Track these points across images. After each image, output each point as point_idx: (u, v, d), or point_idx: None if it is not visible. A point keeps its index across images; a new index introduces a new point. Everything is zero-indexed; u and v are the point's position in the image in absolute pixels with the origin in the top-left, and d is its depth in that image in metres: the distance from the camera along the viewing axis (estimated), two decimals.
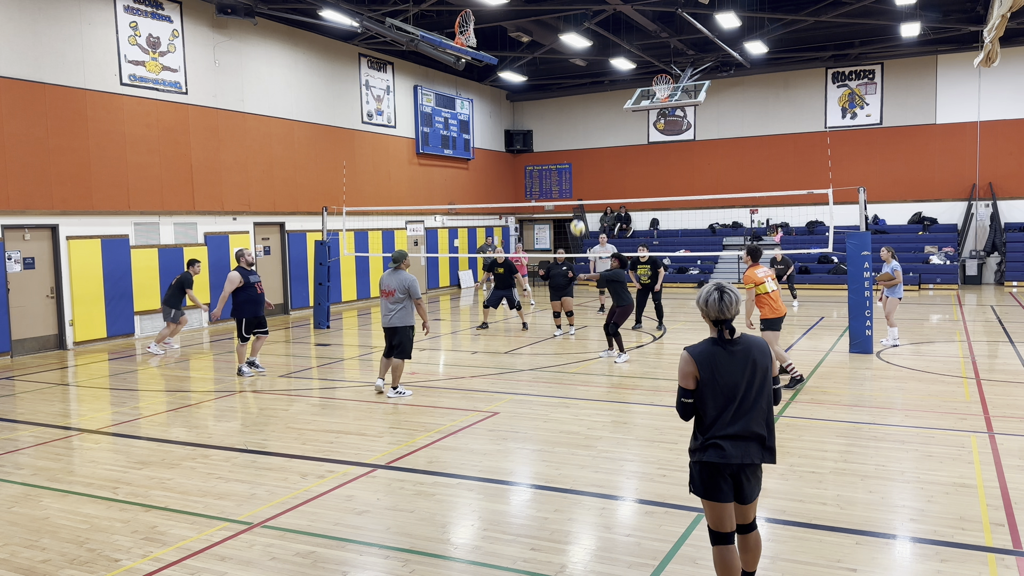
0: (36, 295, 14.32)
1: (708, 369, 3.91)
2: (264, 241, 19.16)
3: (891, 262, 12.43)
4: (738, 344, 3.97)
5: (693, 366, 3.94)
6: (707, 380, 3.91)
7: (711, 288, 4.01)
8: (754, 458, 3.93)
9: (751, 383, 3.93)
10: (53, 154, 14.36)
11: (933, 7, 20.13)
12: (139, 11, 15.83)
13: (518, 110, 30.09)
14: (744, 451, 3.90)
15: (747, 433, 3.90)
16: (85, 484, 6.62)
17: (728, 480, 3.94)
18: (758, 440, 3.95)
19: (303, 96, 19.99)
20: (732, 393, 3.90)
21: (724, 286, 4.01)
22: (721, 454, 3.88)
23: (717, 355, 3.94)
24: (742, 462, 3.89)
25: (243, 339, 11.15)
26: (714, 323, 4.01)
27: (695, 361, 3.94)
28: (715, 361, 3.92)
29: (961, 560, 4.76)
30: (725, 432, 3.89)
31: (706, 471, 3.94)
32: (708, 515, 4.07)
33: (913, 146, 24.10)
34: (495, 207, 28.11)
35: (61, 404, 10.11)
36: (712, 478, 3.94)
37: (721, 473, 3.92)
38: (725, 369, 3.91)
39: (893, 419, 8.17)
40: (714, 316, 3.98)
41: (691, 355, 3.96)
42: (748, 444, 3.91)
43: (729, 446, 3.88)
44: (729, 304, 3.96)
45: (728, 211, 26.43)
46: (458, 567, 4.85)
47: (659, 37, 21.21)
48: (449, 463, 6.94)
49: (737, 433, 3.89)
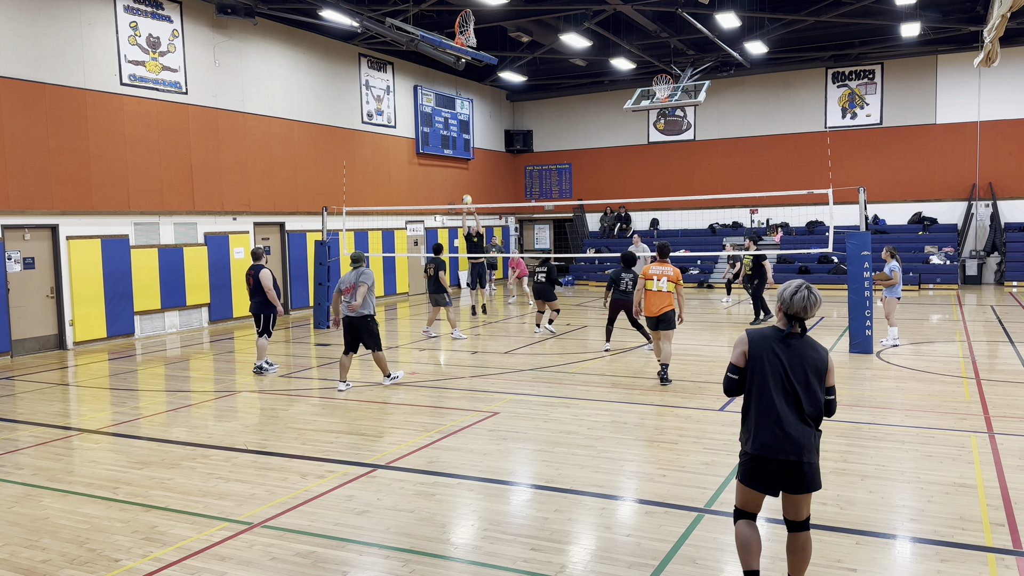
0: (36, 295, 14.33)
1: (758, 354, 4.01)
2: (264, 241, 19.16)
3: (890, 262, 12.43)
4: (799, 340, 4.05)
5: (746, 344, 4.08)
6: (755, 364, 4.01)
7: (800, 285, 4.05)
8: (790, 455, 3.94)
9: (802, 380, 3.98)
10: (53, 154, 14.36)
11: (933, 7, 20.13)
12: (139, 11, 15.83)
13: (518, 110, 30.09)
14: (784, 446, 3.93)
15: (792, 429, 3.94)
16: (85, 484, 6.62)
17: (770, 473, 3.99)
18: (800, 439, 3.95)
19: (303, 96, 19.99)
20: (778, 385, 3.97)
21: (812, 287, 4.07)
22: (759, 446, 3.97)
23: (773, 343, 4.03)
24: (779, 457, 3.94)
25: (269, 335, 11.51)
26: (788, 317, 4.07)
27: (748, 340, 4.07)
28: (767, 347, 4.02)
29: (961, 560, 4.76)
30: (769, 423, 3.96)
31: (748, 461, 4.04)
32: (740, 496, 4.18)
33: (913, 146, 24.10)
34: (495, 207, 28.11)
35: (61, 404, 10.11)
36: (752, 469, 4.02)
37: (764, 465, 3.98)
38: (775, 359, 4.00)
39: (893, 419, 8.17)
40: (794, 312, 4.03)
41: (748, 334, 4.11)
42: (788, 441, 3.94)
43: (770, 439, 3.95)
44: (813, 305, 4.03)
45: (728, 211, 26.43)
46: (458, 567, 4.85)
47: (659, 37, 21.21)
48: (449, 463, 6.94)
49: (781, 427, 3.94)
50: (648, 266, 10.08)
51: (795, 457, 3.94)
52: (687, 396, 9.31)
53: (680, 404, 8.96)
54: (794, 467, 3.97)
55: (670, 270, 9.95)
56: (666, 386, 9.88)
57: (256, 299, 11.40)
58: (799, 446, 3.95)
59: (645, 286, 10.00)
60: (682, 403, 9.01)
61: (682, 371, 10.76)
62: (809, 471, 3.99)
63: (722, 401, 9.02)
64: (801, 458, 3.95)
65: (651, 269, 10.02)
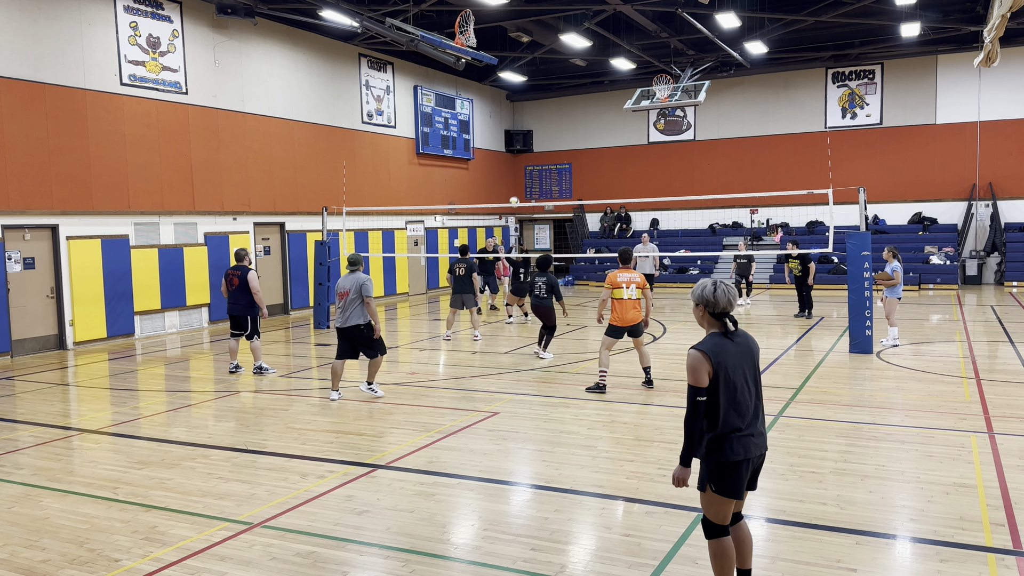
0: (36, 295, 14.32)
1: (721, 363, 3.93)
2: (264, 241, 19.16)
3: (892, 262, 12.44)
4: (739, 335, 4.06)
5: (707, 362, 3.91)
6: (720, 374, 3.92)
7: (714, 282, 4.05)
8: (762, 450, 4.04)
9: (754, 373, 4.04)
10: (53, 154, 14.36)
11: (933, 7, 20.12)
12: (139, 11, 15.83)
13: (518, 110, 30.09)
14: (757, 443, 4.00)
15: (759, 425, 4.02)
16: (85, 484, 6.62)
17: (745, 475, 3.99)
18: (763, 431, 4.07)
19: (303, 96, 19.99)
20: (742, 385, 3.96)
21: (719, 280, 4.07)
22: (741, 450, 3.92)
23: (727, 346, 3.98)
24: (754, 454, 3.97)
25: (259, 335, 11.50)
26: (718, 316, 4.04)
27: (708, 356, 3.92)
28: (726, 353, 3.96)
29: (961, 560, 4.76)
30: (743, 425, 3.94)
31: (729, 470, 3.94)
32: (715, 511, 4.05)
33: (913, 146, 24.10)
34: (495, 207, 28.11)
35: (61, 404, 10.11)
36: (736, 476, 3.95)
37: (743, 470, 3.96)
38: (734, 361, 3.96)
39: (893, 419, 8.17)
40: (722, 308, 4.02)
41: (702, 351, 3.93)
42: (759, 436, 4.02)
43: (748, 440, 3.95)
44: (734, 296, 4.06)
45: (728, 211, 26.42)
46: (458, 567, 4.85)
47: (659, 37, 21.21)
48: (449, 463, 6.94)
49: (751, 425, 3.97)
50: (614, 274, 9.66)
51: (765, 450, 4.07)
52: (680, 396, 9.28)
53: (680, 404, 8.95)
54: (760, 460, 4.08)
55: (637, 276, 9.58)
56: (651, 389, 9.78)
57: (242, 301, 11.22)
58: (765, 438, 4.08)
59: (613, 295, 9.58)
60: (682, 403, 9.00)
61: (682, 371, 10.75)
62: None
63: None
64: (766, 449, 4.10)
65: (618, 276, 9.59)
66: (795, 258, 16.57)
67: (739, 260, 18.31)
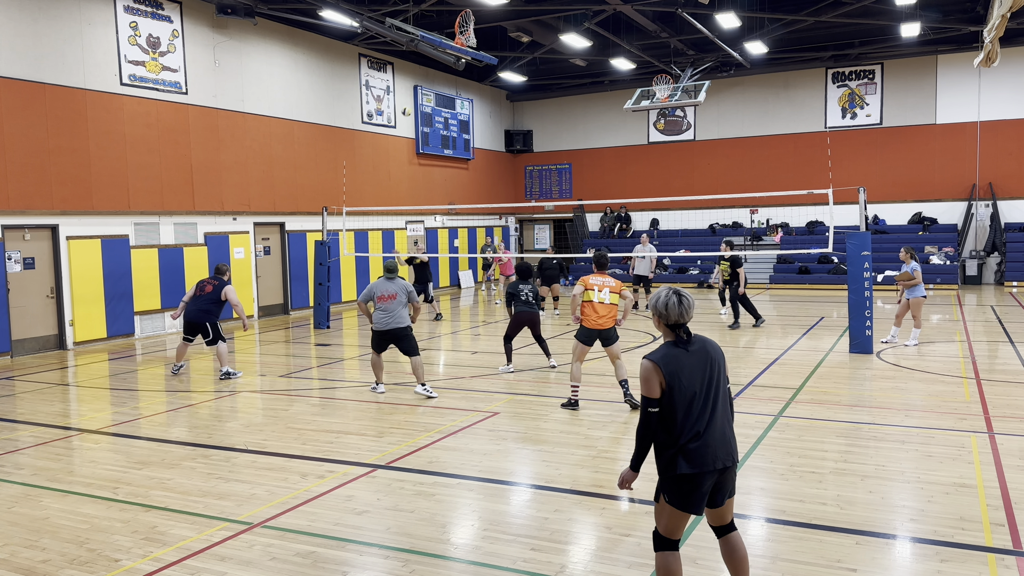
0: (36, 295, 14.32)
1: (674, 373, 3.81)
2: (264, 241, 19.16)
3: (910, 263, 12.43)
4: (695, 344, 3.93)
5: (658, 372, 3.81)
6: (674, 384, 3.80)
7: (668, 292, 3.95)
8: (726, 461, 3.85)
9: (713, 382, 3.88)
10: (53, 154, 14.36)
11: (933, 7, 20.12)
12: (139, 11, 15.83)
13: (518, 110, 30.09)
14: (717, 454, 3.81)
15: (719, 435, 3.84)
16: (85, 484, 6.62)
17: (705, 488, 3.84)
18: (728, 441, 3.89)
19: (303, 96, 19.99)
20: (698, 395, 3.82)
21: (680, 290, 3.96)
22: (698, 462, 3.77)
23: (680, 357, 3.86)
24: (716, 467, 3.80)
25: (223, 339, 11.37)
26: (671, 327, 3.95)
27: (659, 366, 3.82)
28: (679, 363, 3.84)
29: (961, 560, 4.76)
30: (698, 436, 3.79)
31: (685, 483, 3.80)
32: (665, 523, 3.93)
33: (913, 146, 24.10)
34: (495, 207, 28.11)
35: (61, 404, 10.11)
36: (691, 489, 3.81)
37: (700, 482, 3.80)
38: (688, 371, 3.83)
39: (893, 419, 8.17)
40: (674, 320, 3.92)
41: (653, 361, 3.83)
42: (720, 446, 3.83)
43: (704, 451, 3.78)
44: (688, 307, 3.93)
45: (728, 211, 26.42)
46: (458, 567, 4.85)
47: (659, 37, 21.21)
48: (449, 463, 6.94)
49: (710, 436, 3.80)
50: (587, 276, 9.22)
51: (730, 462, 3.87)
52: None
53: None
54: (725, 472, 3.88)
55: (612, 282, 9.08)
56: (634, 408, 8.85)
57: (203, 308, 11.16)
58: (730, 447, 3.89)
59: (585, 296, 9.13)
60: None
61: None
62: (735, 472, 3.97)
63: None
64: (735, 459, 3.91)
65: (591, 279, 9.16)
66: (726, 260, 15.49)
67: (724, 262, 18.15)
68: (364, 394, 9.97)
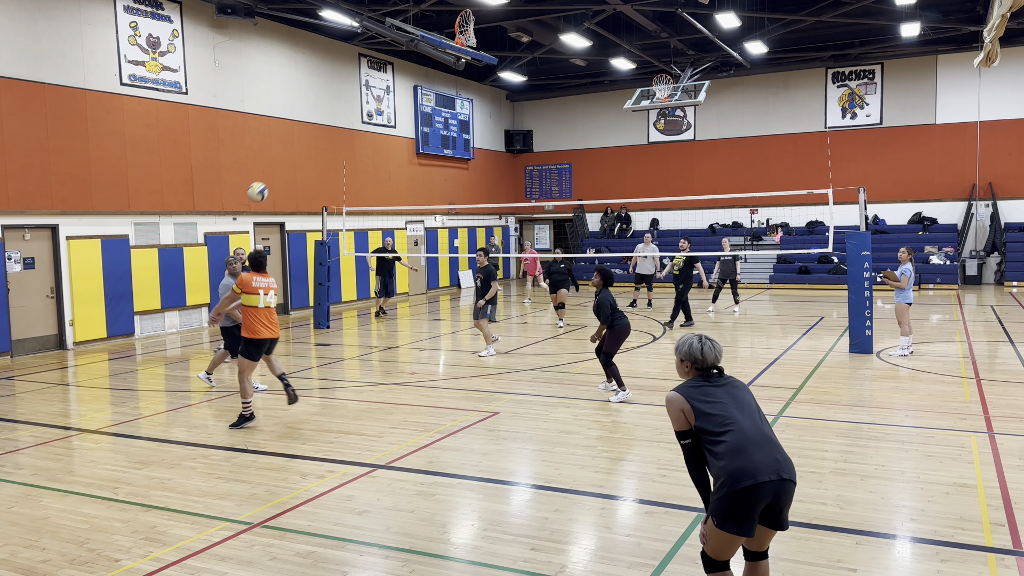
0: (36, 295, 14.32)
1: (699, 400, 3.73)
2: (264, 241, 19.16)
3: (905, 264, 11.69)
4: (724, 379, 3.87)
5: (682, 400, 3.75)
6: (702, 410, 3.70)
7: (696, 339, 3.89)
8: (783, 472, 3.59)
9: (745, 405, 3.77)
10: (53, 154, 14.35)
11: (933, 7, 20.12)
12: (139, 11, 15.83)
13: (518, 110, 30.09)
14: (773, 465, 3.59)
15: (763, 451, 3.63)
16: (85, 484, 6.62)
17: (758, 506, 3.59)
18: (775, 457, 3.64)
19: (303, 96, 19.99)
20: (732, 417, 3.68)
21: (704, 336, 3.92)
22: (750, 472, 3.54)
23: (706, 386, 3.80)
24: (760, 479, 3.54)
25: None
26: (705, 371, 3.87)
27: (682, 395, 3.76)
28: (705, 391, 3.77)
29: (961, 560, 4.76)
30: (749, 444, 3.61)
31: (737, 499, 3.55)
32: (713, 545, 3.75)
33: (913, 146, 24.10)
34: (495, 207, 28.11)
35: (61, 404, 10.11)
36: (741, 505, 3.56)
37: (751, 498, 3.55)
38: (716, 396, 3.75)
39: (893, 419, 8.17)
40: (710, 363, 3.87)
41: (676, 392, 3.77)
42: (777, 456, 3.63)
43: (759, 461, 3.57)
44: (720, 351, 3.91)
45: (728, 211, 26.42)
46: (458, 567, 4.85)
47: (659, 37, 21.21)
48: (449, 463, 6.94)
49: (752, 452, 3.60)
50: (248, 277, 8.27)
51: (787, 476, 3.63)
52: None
53: None
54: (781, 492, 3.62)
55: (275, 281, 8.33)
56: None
57: None
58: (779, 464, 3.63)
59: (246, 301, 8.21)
60: None
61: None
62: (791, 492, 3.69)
63: None
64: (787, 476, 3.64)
65: (254, 281, 8.25)
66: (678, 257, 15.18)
67: (723, 260, 18.10)
68: (364, 394, 9.97)
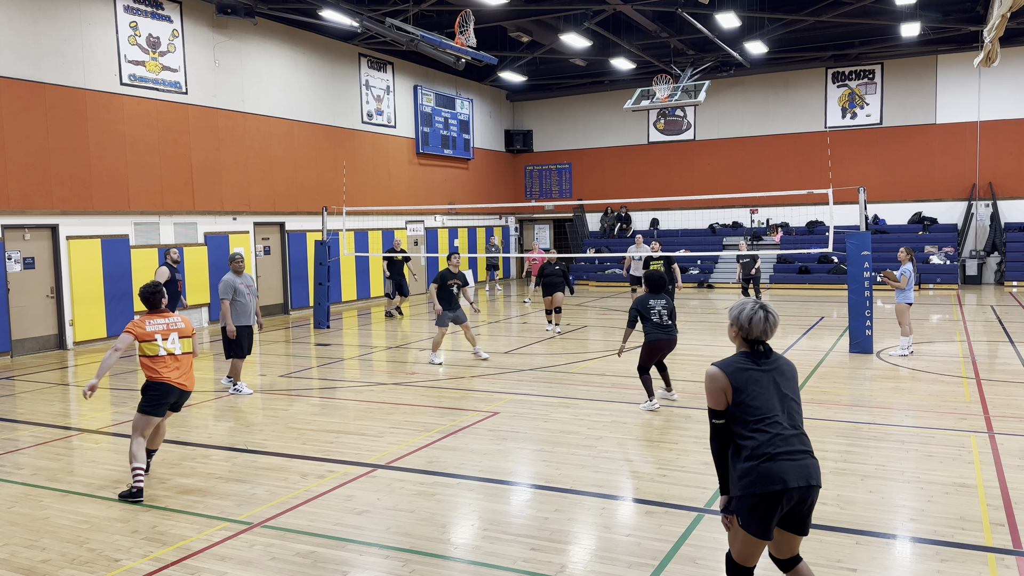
0: (36, 295, 14.32)
1: (742, 383, 3.62)
2: (264, 241, 19.16)
3: (905, 264, 11.64)
4: (771, 360, 3.73)
5: (724, 379, 3.64)
6: (742, 396, 3.60)
7: (754, 306, 3.74)
8: (811, 479, 3.54)
9: (786, 399, 3.68)
10: (53, 154, 14.35)
11: (933, 7, 20.12)
12: (139, 11, 15.83)
13: (518, 110, 30.09)
14: (803, 471, 3.53)
15: (804, 446, 3.60)
16: (85, 484, 6.62)
17: (782, 507, 3.53)
18: (814, 458, 3.62)
19: (303, 96, 19.99)
20: (771, 410, 3.60)
21: (767, 306, 3.75)
22: (779, 477, 3.48)
23: (751, 368, 3.67)
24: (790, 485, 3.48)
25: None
26: (751, 343, 3.75)
27: (726, 373, 3.64)
28: (749, 375, 3.64)
29: (961, 560, 4.76)
30: (779, 445, 3.53)
31: (759, 504, 3.50)
32: (738, 547, 3.66)
33: (913, 146, 24.10)
34: (495, 207, 28.10)
35: (61, 404, 10.11)
36: (764, 508, 3.51)
37: (773, 502, 3.50)
38: (758, 384, 3.63)
39: (893, 419, 8.17)
40: (755, 336, 3.73)
41: (720, 368, 3.66)
42: (806, 461, 3.56)
43: (787, 465, 3.50)
44: (774, 325, 3.73)
45: (728, 211, 26.42)
46: (458, 567, 4.85)
47: (659, 37, 21.21)
48: (449, 463, 6.94)
49: (784, 455, 3.53)
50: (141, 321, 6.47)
51: (813, 481, 3.56)
52: (687, 396, 9.30)
53: (680, 404, 8.96)
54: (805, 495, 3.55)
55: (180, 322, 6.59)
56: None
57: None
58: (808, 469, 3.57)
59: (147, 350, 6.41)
60: (682, 403, 9.01)
61: (682, 371, 10.75)
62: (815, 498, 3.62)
63: None
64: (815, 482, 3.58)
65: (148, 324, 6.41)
66: (656, 259, 14.75)
67: (742, 260, 17.98)
68: (364, 394, 9.97)
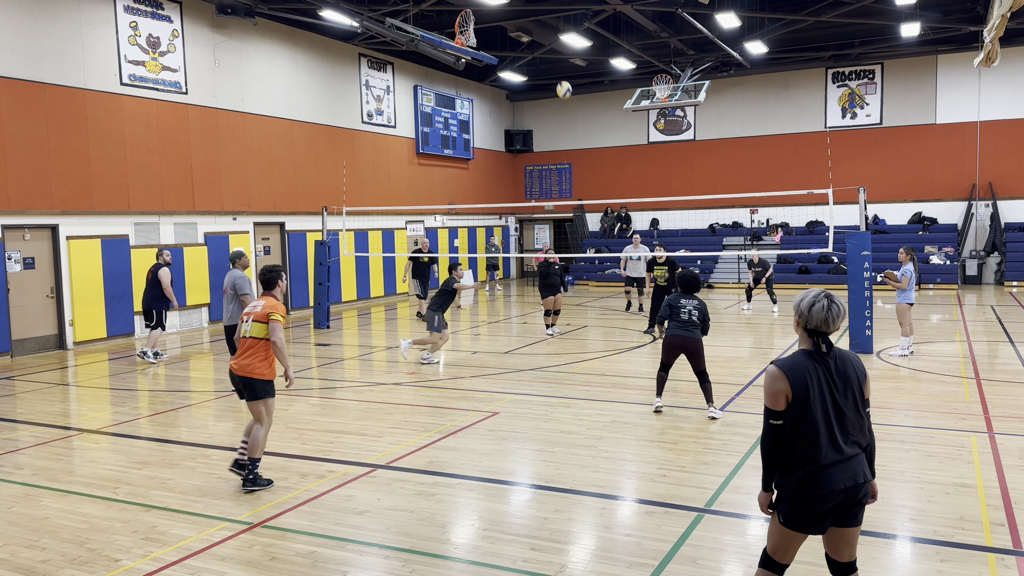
0: (36, 295, 14.32)
1: (802, 385, 3.46)
2: (264, 241, 19.16)
3: (906, 264, 11.60)
4: (832, 357, 3.56)
5: (785, 382, 3.47)
6: (801, 398, 3.45)
7: (819, 294, 3.58)
8: (858, 477, 3.47)
9: (848, 401, 3.52)
10: (53, 154, 14.35)
11: (933, 7, 20.12)
12: (139, 11, 15.83)
13: (518, 110, 30.09)
14: (850, 472, 3.46)
15: (852, 452, 3.49)
16: (85, 484, 6.62)
17: (827, 508, 3.48)
18: (862, 455, 3.53)
19: (303, 96, 19.99)
20: (829, 414, 3.47)
21: (833, 295, 3.58)
22: (825, 484, 3.42)
23: (811, 370, 3.50)
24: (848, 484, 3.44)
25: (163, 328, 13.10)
26: (810, 333, 3.57)
27: (787, 376, 3.47)
28: (809, 375, 3.48)
29: (961, 560, 4.76)
30: (828, 458, 3.44)
31: (803, 504, 3.46)
32: (775, 541, 3.60)
33: (913, 146, 24.10)
34: (495, 207, 28.11)
35: (61, 404, 10.11)
36: (808, 510, 3.47)
37: (819, 504, 3.46)
38: (820, 385, 3.48)
39: (893, 419, 8.17)
40: (815, 325, 3.55)
41: (781, 369, 3.49)
42: (853, 463, 3.48)
43: (834, 472, 3.43)
44: (836, 315, 3.55)
45: (728, 211, 26.42)
46: (458, 567, 4.85)
47: (659, 37, 21.21)
48: (449, 463, 6.94)
49: (841, 457, 3.45)
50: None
51: (862, 480, 3.49)
52: (687, 396, 9.30)
53: (680, 404, 8.96)
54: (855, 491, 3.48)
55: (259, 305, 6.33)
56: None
57: (148, 295, 12.86)
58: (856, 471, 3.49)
59: None
60: (682, 403, 9.01)
61: (683, 371, 10.74)
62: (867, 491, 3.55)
63: (723, 401, 9.02)
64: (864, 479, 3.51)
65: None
66: (661, 264, 14.25)
67: (755, 270, 17.90)
68: (364, 394, 9.97)
